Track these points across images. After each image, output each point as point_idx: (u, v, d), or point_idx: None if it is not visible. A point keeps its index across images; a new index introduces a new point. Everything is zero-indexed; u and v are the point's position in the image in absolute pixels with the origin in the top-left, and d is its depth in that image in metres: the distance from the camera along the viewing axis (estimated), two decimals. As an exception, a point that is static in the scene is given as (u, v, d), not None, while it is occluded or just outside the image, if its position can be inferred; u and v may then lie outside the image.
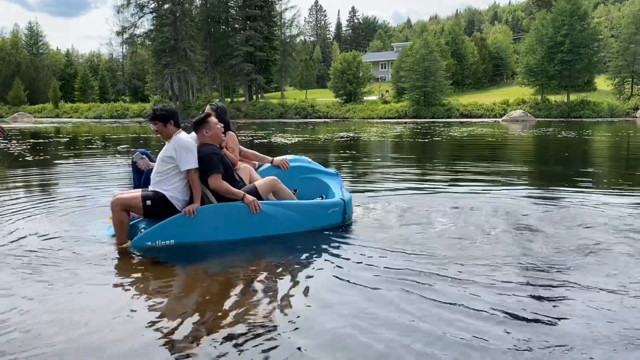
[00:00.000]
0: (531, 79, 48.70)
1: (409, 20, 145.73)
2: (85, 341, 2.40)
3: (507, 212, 5.13)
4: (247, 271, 3.48)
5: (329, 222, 4.39)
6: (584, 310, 2.72)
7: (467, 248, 3.87)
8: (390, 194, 6.33)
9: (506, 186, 6.90)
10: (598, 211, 5.14)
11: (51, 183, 7.66)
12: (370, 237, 4.17)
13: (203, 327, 2.55)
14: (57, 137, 21.07)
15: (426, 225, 4.59)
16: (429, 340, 2.38)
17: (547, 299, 2.90)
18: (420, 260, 3.57)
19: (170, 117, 4.14)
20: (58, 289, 3.06)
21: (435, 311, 2.71)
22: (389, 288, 3.04)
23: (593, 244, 3.94)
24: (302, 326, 2.56)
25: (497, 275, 3.26)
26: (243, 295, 3.02)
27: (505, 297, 2.91)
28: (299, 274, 3.36)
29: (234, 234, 4.04)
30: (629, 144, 16.14)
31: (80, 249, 3.89)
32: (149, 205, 3.98)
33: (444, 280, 3.16)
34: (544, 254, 3.70)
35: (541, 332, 2.48)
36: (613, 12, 78.47)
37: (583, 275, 3.26)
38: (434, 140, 17.70)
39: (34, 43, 79.23)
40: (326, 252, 3.83)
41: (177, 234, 3.91)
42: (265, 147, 14.17)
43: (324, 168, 5.30)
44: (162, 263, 3.68)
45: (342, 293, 3.00)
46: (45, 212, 5.29)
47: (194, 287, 3.21)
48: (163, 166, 4.10)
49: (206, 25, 57.45)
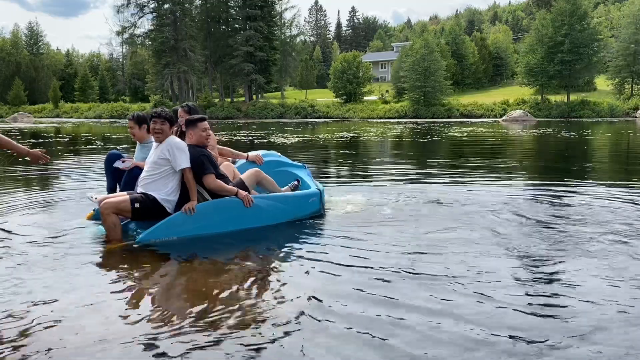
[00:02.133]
0: (531, 79, 48.72)
1: (409, 20, 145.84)
2: (87, 337, 2.40)
3: (505, 206, 5.13)
4: (246, 265, 3.48)
5: (310, 211, 4.76)
6: (583, 296, 2.73)
7: (462, 241, 3.87)
8: (388, 188, 6.33)
9: (505, 182, 6.91)
10: (597, 206, 5.15)
11: (51, 181, 7.65)
12: (366, 230, 4.20)
13: (201, 322, 2.55)
14: (57, 137, 21.07)
15: (421, 217, 4.60)
16: (422, 334, 2.38)
17: (536, 288, 2.90)
18: (407, 250, 3.58)
19: (174, 120, 4.34)
20: (57, 289, 3.06)
21: (427, 299, 2.71)
22: (387, 281, 3.05)
23: (590, 236, 3.94)
24: (302, 322, 2.56)
25: (490, 265, 3.27)
26: (244, 290, 3.02)
27: (497, 285, 2.91)
28: (293, 266, 3.38)
29: (230, 226, 4.28)
30: (629, 143, 16.15)
31: (78, 249, 3.89)
32: (137, 208, 4.05)
33: (433, 272, 3.17)
34: (533, 244, 3.70)
35: (533, 324, 2.48)
36: (613, 12, 78.49)
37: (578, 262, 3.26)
38: (434, 140, 17.71)
39: (34, 43, 79.21)
40: (320, 243, 3.86)
41: (179, 230, 4.08)
42: (265, 147, 14.16)
43: (292, 161, 5.67)
44: (162, 259, 3.70)
45: (344, 288, 3.00)
46: (45, 210, 5.29)
47: (195, 283, 3.21)
48: (156, 168, 4.18)
49: (206, 25, 57.47)
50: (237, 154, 5.32)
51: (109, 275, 3.37)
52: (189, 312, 2.72)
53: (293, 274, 3.35)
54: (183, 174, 4.19)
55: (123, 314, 2.71)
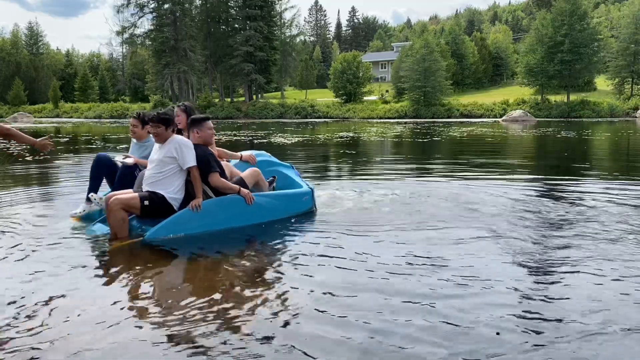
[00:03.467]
0: (531, 79, 48.71)
1: (409, 20, 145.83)
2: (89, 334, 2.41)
3: (504, 204, 5.14)
4: (247, 264, 3.49)
5: (304, 208, 5.02)
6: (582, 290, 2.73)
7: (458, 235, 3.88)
8: (387, 188, 6.33)
9: (505, 181, 6.91)
10: (596, 199, 5.15)
11: (51, 180, 7.66)
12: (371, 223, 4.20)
13: (204, 319, 2.56)
14: (56, 137, 21.06)
15: (418, 214, 4.62)
16: (419, 327, 2.39)
17: (535, 286, 2.91)
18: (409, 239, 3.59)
19: (172, 121, 4.39)
20: (61, 287, 3.07)
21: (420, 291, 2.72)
22: (386, 278, 3.06)
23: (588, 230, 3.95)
24: (303, 319, 2.57)
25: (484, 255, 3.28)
26: (247, 288, 3.02)
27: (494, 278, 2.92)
28: (293, 264, 3.39)
29: (233, 223, 4.44)
30: (629, 143, 16.15)
31: (80, 248, 3.90)
32: (146, 205, 4.15)
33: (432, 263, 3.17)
34: (532, 242, 3.71)
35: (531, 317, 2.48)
36: (613, 12, 78.48)
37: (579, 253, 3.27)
38: (434, 140, 17.71)
39: (34, 43, 79.18)
40: (319, 239, 3.87)
41: (186, 227, 4.19)
42: (265, 147, 14.16)
43: (281, 162, 5.89)
44: (163, 257, 3.72)
45: (345, 285, 3.01)
46: (46, 208, 5.29)
47: (197, 281, 3.23)
48: (163, 167, 4.25)
49: (206, 25, 57.47)
50: (232, 154, 5.42)
51: (112, 273, 3.38)
52: (189, 312, 2.73)
53: (293, 272, 3.36)
54: (189, 172, 4.27)
55: (126, 313, 2.72)
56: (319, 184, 6.93)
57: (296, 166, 6.32)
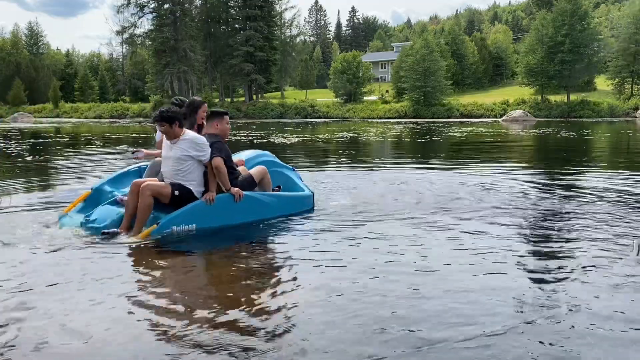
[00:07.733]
0: (531, 79, 48.69)
1: (408, 20, 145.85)
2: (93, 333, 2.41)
3: (503, 201, 5.15)
4: (249, 263, 3.49)
5: (305, 208, 5.27)
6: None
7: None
8: (386, 186, 6.34)
9: (504, 180, 6.92)
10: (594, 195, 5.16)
11: (51, 180, 7.66)
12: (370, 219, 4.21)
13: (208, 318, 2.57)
14: (56, 137, 21.07)
15: (417, 212, 4.63)
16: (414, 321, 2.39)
17: (534, 283, 2.91)
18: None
19: (176, 118, 4.40)
20: (71, 282, 3.07)
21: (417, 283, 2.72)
22: (385, 276, 3.06)
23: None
24: (303, 317, 2.57)
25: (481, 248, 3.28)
26: (251, 285, 3.03)
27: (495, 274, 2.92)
28: (293, 263, 3.40)
29: (242, 218, 4.61)
30: (629, 142, 16.15)
31: (82, 247, 3.90)
32: (176, 195, 4.31)
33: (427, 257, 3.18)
34: (531, 240, 3.72)
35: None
36: (613, 12, 78.50)
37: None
38: (434, 140, 17.71)
39: (34, 43, 79.19)
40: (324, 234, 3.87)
41: (198, 219, 4.33)
42: (265, 147, 14.16)
43: (283, 163, 5.99)
44: (167, 256, 3.73)
45: (345, 283, 3.01)
46: (47, 207, 5.29)
47: (199, 279, 3.23)
48: (181, 164, 4.37)
49: (206, 25, 57.45)
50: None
51: (112, 273, 3.38)
52: (189, 311, 2.74)
53: (292, 271, 3.38)
54: (207, 165, 4.40)
55: (126, 313, 2.72)
56: (316, 181, 6.94)
57: (295, 166, 6.34)
